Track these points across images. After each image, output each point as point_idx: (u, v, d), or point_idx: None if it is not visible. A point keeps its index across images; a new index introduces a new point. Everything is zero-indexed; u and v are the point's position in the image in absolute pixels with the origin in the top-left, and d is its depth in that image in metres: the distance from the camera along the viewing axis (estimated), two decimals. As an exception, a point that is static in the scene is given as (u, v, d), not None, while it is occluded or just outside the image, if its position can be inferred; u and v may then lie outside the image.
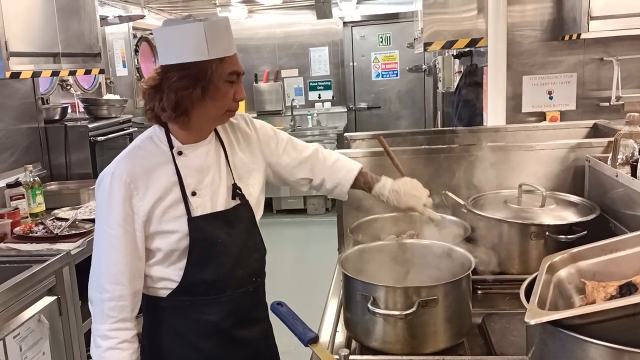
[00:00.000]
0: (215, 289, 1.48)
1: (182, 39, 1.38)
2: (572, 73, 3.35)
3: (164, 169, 1.44)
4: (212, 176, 1.49)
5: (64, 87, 4.16)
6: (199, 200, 1.45)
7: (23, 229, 2.64)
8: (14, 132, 3.21)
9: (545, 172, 1.95)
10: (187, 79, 1.37)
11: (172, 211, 1.43)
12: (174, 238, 1.43)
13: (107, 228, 1.42)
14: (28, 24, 2.68)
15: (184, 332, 1.50)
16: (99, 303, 1.42)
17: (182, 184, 1.44)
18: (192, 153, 1.47)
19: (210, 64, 1.37)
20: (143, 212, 1.41)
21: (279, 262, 5.32)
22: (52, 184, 3.37)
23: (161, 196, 1.42)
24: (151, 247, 1.45)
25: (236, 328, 1.53)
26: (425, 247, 1.47)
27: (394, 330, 1.27)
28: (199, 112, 1.43)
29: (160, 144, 1.47)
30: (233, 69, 1.42)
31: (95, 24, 3.28)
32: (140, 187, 1.41)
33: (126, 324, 1.43)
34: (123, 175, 1.40)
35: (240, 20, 6.88)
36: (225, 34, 1.41)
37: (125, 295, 1.41)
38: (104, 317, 1.42)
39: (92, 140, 3.47)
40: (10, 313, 2.07)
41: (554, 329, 0.82)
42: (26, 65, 2.61)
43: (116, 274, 1.41)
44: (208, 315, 1.49)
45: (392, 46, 7.37)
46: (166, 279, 1.47)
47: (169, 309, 1.50)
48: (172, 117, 1.42)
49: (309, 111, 7.12)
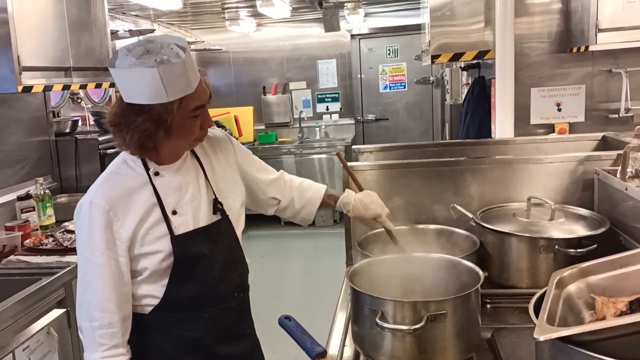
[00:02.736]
0: (198, 304, 1.49)
1: (137, 82, 1.32)
2: (581, 85, 3.34)
3: (142, 192, 1.43)
4: (191, 193, 1.49)
5: (74, 100, 4.21)
6: (181, 219, 1.46)
7: (33, 242, 2.66)
8: (25, 145, 3.25)
9: (554, 185, 1.95)
10: (148, 122, 1.35)
11: (154, 232, 1.43)
12: (158, 258, 1.43)
13: (90, 257, 1.41)
14: (40, 39, 2.72)
15: (168, 348, 1.51)
16: (90, 331, 1.42)
17: (162, 204, 1.44)
18: (169, 173, 1.47)
19: (171, 106, 1.34)
20: (125, 237, 1.41)
21: (286, 274, 5.32)
22: (63, 197, 3.39)
23: (142, 218, 1.42)
24: (137, 267, 1.45)
25: (219, 344, 1.54)
26: (434, 260, 1.47)
27: (403, 345, 1.26)
28: (167, 146, 1.43)
29: (135, 167, 1.46)
30: (196, 104, 1.39)
31: (106, 39, 3.32)
32: (119, 213, 1.40)
33: (118, 349, 1.42)
34: (101, 203, 1.40)
35: (249, 33, 6.95)
36: (183, 73, 1.33)
37: (114, 322, 1.41)
38: (96, 345, 1.41)
39: (102, 152, 3.50)
40: (20, 325, 2.07)
41: (564, 345, 0.81)
42: (38, 80, 2.65)
43: (104, 301, 1.40)
44: (190, 331, 1.50)
45: (399, 58, 7.40)
46: (149, 295, 1.47)
47: (153, 325, 1.50)
48: (139, 153, 1.43)
49: (317, 123, 7.14)
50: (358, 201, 1.72)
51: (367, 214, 1.72)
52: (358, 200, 1.72)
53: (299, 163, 6.59)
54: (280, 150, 6.66)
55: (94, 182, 1.48)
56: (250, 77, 7.18)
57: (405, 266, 1.45)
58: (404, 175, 2.06)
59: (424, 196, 2.02)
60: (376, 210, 1.71)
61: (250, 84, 7.16)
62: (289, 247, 6.09)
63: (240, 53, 7.17)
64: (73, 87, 3.03)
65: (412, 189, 2.03)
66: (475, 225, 1.79)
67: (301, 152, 6.68)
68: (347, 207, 1.74)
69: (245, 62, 7.19)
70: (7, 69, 2.46)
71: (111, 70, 1.37)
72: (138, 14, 5.58)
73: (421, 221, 1.93)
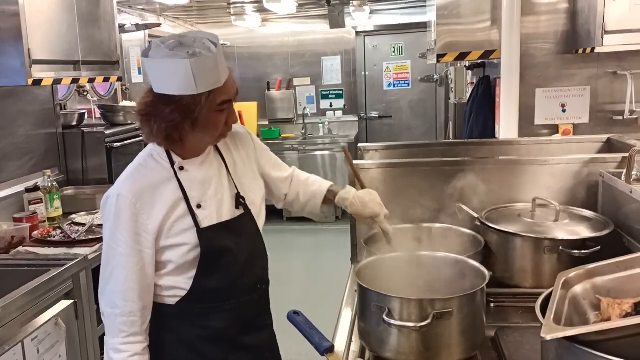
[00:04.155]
0: (222, 296, 1.53)
1: (169, 73, 1.37)
2: (586, 86, 3.35)
3: (168, 185, 1.48)
4: (215, 187, 1.53)
5: (81, 93, 4.22)
6: (205, 212, 1.50)
7: (41, 233, 2.68)
8: (33, 137, 3.27)
9: (559, 187, 1.96)
10: (176, 113, 1.39)
11: (180, 225, 1.47)
12: (183, 250, 1.47)
13: (115, 247, 1.46)
14: (50, 32, 2.74)
15: (189, 339, 1.54)
16: (111, 317, 1.47)
17: (187, 198, 1.48)
18: (193, 167, 1.51)
19: (200, 98, 1.38)
20: (152, 229, 1.45)
21: (288, 270, 5.34)
22: (69, 189, 3.41)
23: (168, 212, 1.46)
24: (162, 259, 1.49)
25: (241, 335, 1.58)
26: (440, 259, 1.49)
27: (408, 341, 1.28)
28: (192, 139, 1.48)
29: (161, 161, 1.50)
30: (223, 98, 1.43)
31: (115, 33, 3.34)
32: (146, 205, 1.44)
33: (137, 337, 1.47)
34: (129, 196, 1.44)
35: (254, 29, 6.95)
36: (214, 67, 1.38)
37: (135, 311, 1.46)
38: (116, 331, 1.46)
39: (108, 146, 3.51)
40: (29, 316, 2.10)
41: (570, 345, 0.84)
42: (47, 73, 2.67)
43: (126, 291, 1.45)
44: (214, 322, 1.54)
45: (404, 56, 7.40)
46: (176, 287, 1.51)
47: (178, 315, 1.54)
48: (165, 144, 1.48)
49: (321, 119, 7.16)
50: (357, 198, 1.72)
51: (365, 212, 1.72)
52: (357, 198, 1.72)
53: (302, 159, 6.61)
54: (283, 146, 6.68)
55: (121, 175, 1.51)
56: (255, 73, 7.19)
57: (411, 264, 1.48)
58: (409, 174, 2.08)
59: (429, 195, 2.02)
60: (374, 209, 1.71)
61: (254, 79, 7.17)
62: (290, 242, 6.11)
63: (245, 48, 7.17)
64: (82, 81, 3.05)
65: (417, 188, 2.04)
66: (480, 225, 1.81)
67: (304, 148, 6.70)
68: (346, 203, 1.74)
69: (250, 58, 7.20)
70: (17, 62, 2.48)
71: (144, 61, 1.41)
72: (144, 8, 5.60)
73: (426, 220, 1.94)
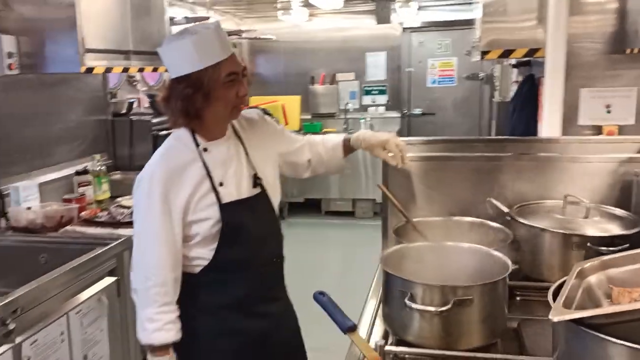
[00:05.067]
0: (241, 267, 1.69)
1: (177, 55, 1.58)
2: (633, 87, 3.27)
3: (194, 166, 1.64)
4: (234, 167, 1.69)
5: (131, 82, 4.39)
6: (226, 190, 1.66)
7: (89, 214, 2.83)
8: (84, 123, 3.44)
9: (593, 185, 1.95)
10: (189, 88, 1.57)
11: (204, 201, 1.63)
12: (208, 224, 1.63)
13: (148, 224, 1.62)
14: (103, 23, 2.87)
15: (212, 304, 1.70)
16: (144, 291, 1.62)
17: (211, 177, 1.64)
18: (216, 149, 1.68)
19: (206, 72, 1.56)
20: (180, 205, 1.61)
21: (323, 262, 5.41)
22: (117, 174, 3.57)
23: (194, 189, 1.62)
24: (189, 233, 1.65)
25: (257, 303, 1.73)
26: (464, 249, 1.52)
27: (430, 326, 1.32)
28: (208, 113, 1.63)
29: (187, 144, 1.67)
30: (229, 70, 1.59)
31: (164, 25, 3.46)
32: (175, 184, 1.61)
33: (170, 307, 1.63)
34: (161, 176, 1.61)
35: (300, 24, 7.03)
36: (215, 41, 1.57)
37: (168, 282, 1.62)
38: (150, 301, 1.61)
39: (154, 133, 3.65)
40: (74, 291, 2.23)
41: (578, 328, 0.86)
42: (99, 62, 2.80)
43: (159, 263, 1.61)
44: (233, 290, 1.69)
45: (450, 53, 7.35)
46: (200, 257, 1.67)
47: (201, 283, 1.69)
48: (186, 122, 1.65)
49: (362, 115, 7.17)
50: (366, 133, 1.91)
51: (374, 140, 1.88)
52: (366, 132, 1.91)
53: (342, 154, 6.64)
54: (324, 141, 6.72)
55: (152, 158, 1.67)
56: (299, 67, 7.26)
57: (436, 253, 1.51)
58: (444, 168, 2.10)
59: (463, 190, 2.05)
60: (383, 136, 1.88)
61: (298, 73, 7.25)
62: (327, 235, 6.18)
63: (291, 43, 7.25)
64: (131, 70, 3.18)
65: (451, 182, 2.06)
66: (510, 219, 1.83)
67: (345, 143, 6.72)
68: (359, 140, 1.90)
69: (295, 52, 7.27)
70: (72, 50, 2.61)
71: (159, 51, 1.62)
72: (195, 1, 5.75)
73: (457, 213, 1.96)
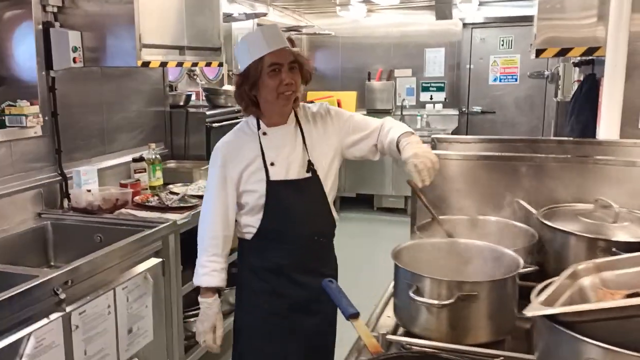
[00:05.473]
0: (282, 238, 1.95)
1: (238, 55, 1.97)
2: (697, 89, 3.10)
3: (251, 145, 1.95)
4: (287, 152, 1.95)
5: (191, 76, 4.60)
6: (276, 169, 1.92)
7: (141, 199, 3.02)
8: (144, 113, 3.65)
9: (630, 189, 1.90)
10: (242, 78, 1.92)
11: (255, 176, 1.93)
12: (255, 195, 1.93)
13: (209, 187, 1.99)
14: (160, 19, 3.03)
15: (258, 267, 2.01)
16: (201, 240, 1.99)
17: (264, 156, 1.92)
18: (274, 134, 1.96)
19: (254, 65, 1.87)
20: (234, 176, 1.94)
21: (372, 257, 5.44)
22: (171, 162, 3.76)
23: (248, 164, 1.93)
24: (241, 201, 1.97)
25: (296, 272, 1.97)
26: (478, 247, 1.54)
27: (436, 319, 1.36)
28: (262, 102, 1.93)
29: (251, 127, 2.00)
30: (271, 61, 1.85)
31: (218, 21, 3.60)
32: (232, 157, 1.94)
33: (218, 258, 1.97)
34: (223, 149, 1.97)
35: (359, 19, 7.06)
36: (261, 40, 1.86)
37: (218, 237, 1.96)
38: (203, 250, 1.98)
39: (208, 125, 3.82)
40: (123, 267, 2.41)
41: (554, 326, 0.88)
42: (155, 56, 2.96)
43: (213, 219, 1.97)
44: (274, 257, 1.97)
45: (513, 50, 7.15)
46: (250, 225, 1.98)
47: (250, 248, 2.01)
48: (248, 109, 1.97)
49: (419, 112, 7.13)
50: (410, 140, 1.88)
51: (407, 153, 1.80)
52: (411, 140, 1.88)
53: (397, 150, 6.62)
54: (379, 136, 6.73)
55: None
56: (357, 63, 7.30)
57: (449, 250, 1.54)
58: (478, 167, 2.10)
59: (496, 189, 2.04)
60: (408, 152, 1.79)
61: (355, 69, 7.29)
62: (377, 231, 6.20)
63: (349, 38, 7.30)
64: (186, 64, 3.34)
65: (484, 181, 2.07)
66: (538, 221, 1.81)
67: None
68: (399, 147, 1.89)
69: (353, 48, 7.31)
70: (129, 45, 2.79)
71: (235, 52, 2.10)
72: (255, -2, 5.90)
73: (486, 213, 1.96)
